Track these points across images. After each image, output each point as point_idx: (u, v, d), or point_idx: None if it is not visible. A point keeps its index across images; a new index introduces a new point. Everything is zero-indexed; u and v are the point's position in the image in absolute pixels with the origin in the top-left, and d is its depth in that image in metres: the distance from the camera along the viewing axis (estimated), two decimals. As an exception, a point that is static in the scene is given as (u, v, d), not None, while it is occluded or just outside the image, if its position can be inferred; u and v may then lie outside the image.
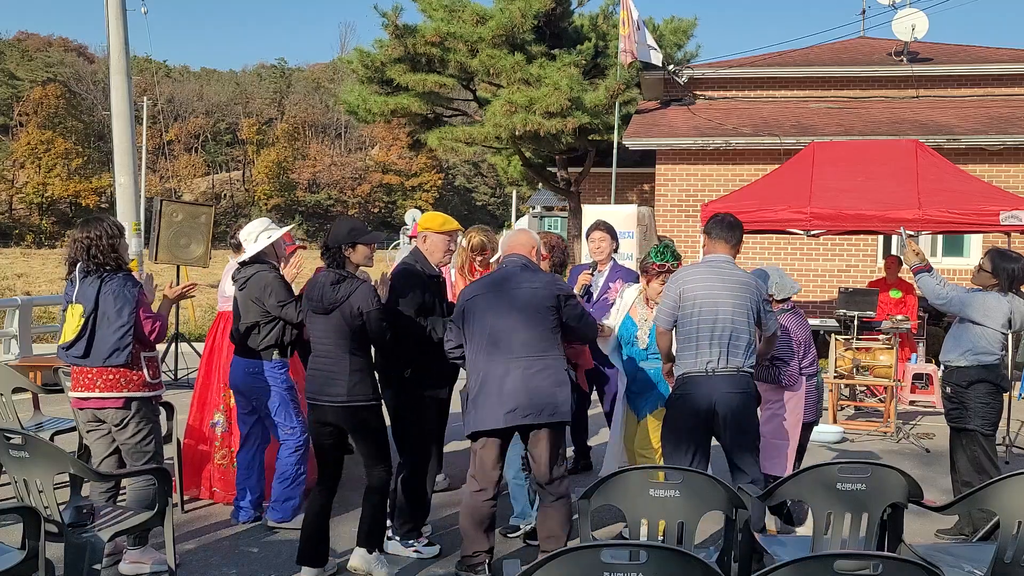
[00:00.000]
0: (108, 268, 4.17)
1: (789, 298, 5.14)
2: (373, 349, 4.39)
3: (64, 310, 4.25)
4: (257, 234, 4.97)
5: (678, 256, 5.02)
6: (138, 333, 4.18)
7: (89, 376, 4.17)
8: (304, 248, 6.45)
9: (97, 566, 3.60)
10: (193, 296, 4.93)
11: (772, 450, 4.86)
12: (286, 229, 5.24)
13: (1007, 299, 5.05)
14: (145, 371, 4.25)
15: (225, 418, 5.51)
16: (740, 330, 4.31)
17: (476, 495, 4.16)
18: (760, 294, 4.44)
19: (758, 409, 4.62)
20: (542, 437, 4.11)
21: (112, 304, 4.11)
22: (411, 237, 5.40)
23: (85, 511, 3.72)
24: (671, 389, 4.55)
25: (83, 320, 4.10)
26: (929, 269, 5.36)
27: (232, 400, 5.43)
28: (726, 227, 4.49)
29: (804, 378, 5.00)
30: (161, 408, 4.59)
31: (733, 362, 4.29)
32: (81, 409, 4.30)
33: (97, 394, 4.17)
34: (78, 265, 4.21)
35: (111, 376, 4.15)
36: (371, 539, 4.26)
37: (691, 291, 4.36)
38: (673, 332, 4.55)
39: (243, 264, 5.00)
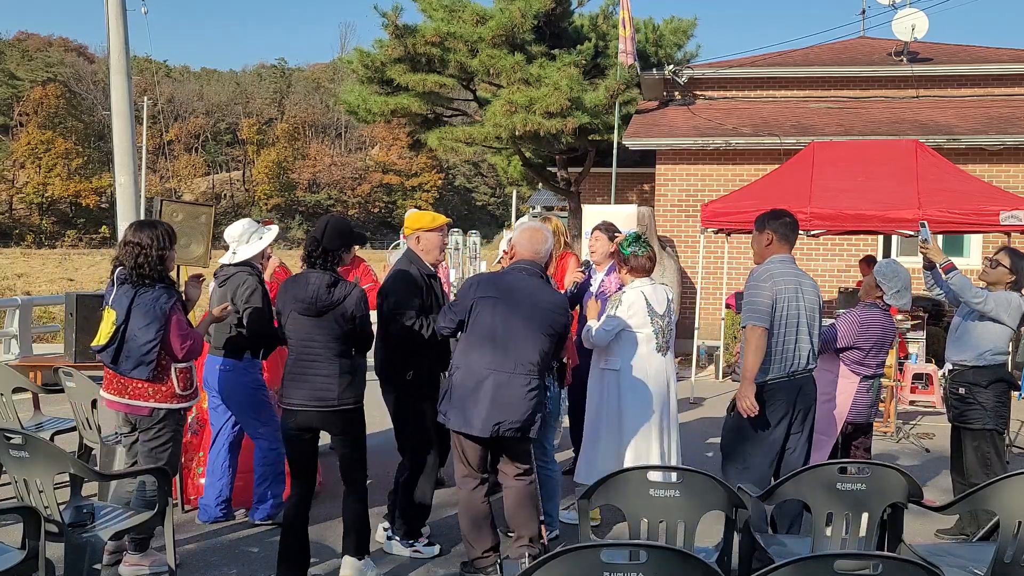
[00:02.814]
0: (148, 280, 4.09)
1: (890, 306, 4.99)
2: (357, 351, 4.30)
3: (102, 309, 4.22)
4: (249, 235, 4.92)
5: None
6: (168, 348, 4.14)
7: (121, 382, 4.16)
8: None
9: (97, 566, 3.61)
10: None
11: (817, 444, 4.76)
12: (275, 231, 5.17)
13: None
14: (175, 383, 4.19)
15: (196, 420, 5.46)
16: (815, 332, 4.31)
17: (473, 493, 4.20)
18: (821, 299, 4.41)
19: None
20: (514, 445, 4.19)
21: (141, 320, 4.05)
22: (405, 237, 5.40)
23: (85, 511, 3.72)
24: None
25: (114, 328, 4.07)
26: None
27: (205, 402, 5.40)
28: (792, 228, 4.41)
29: (859, 377, 4.89)
30: (185, 417, 4.51)
31: (810, 364, 4.30)
32: (113, 410, 4.30)
33: (126, 400, 4.16)
34: (117, 270, 4.16)
35: (139, 385, 4.13)
36: (359, 546, 4.18)
37: (783, 292, 4.24)
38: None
39: (224, 267, 4.97)
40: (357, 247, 4.37)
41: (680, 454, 5.04)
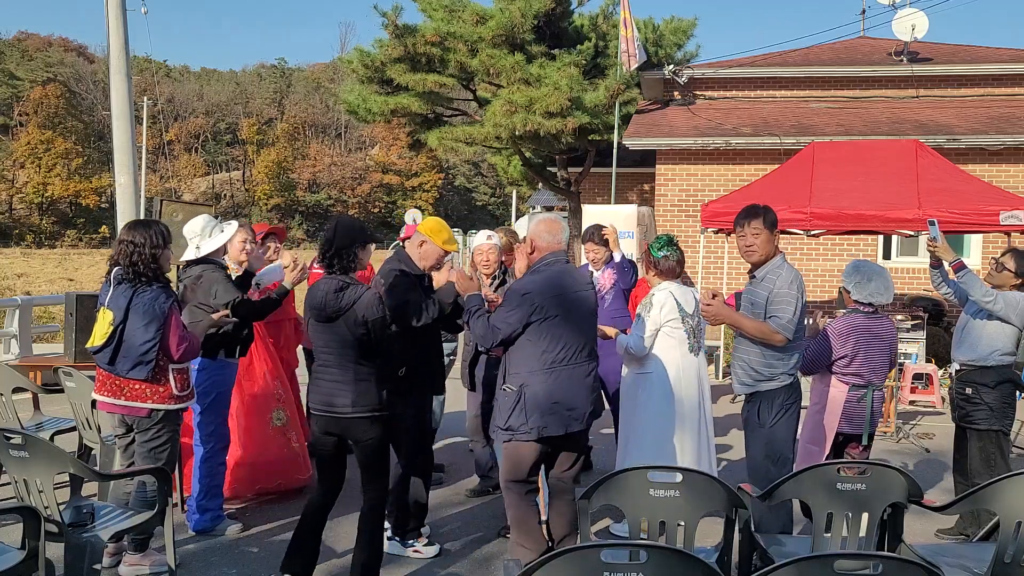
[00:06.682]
0: (144, 279, 4.09)
1: (870, 303, 4.66)
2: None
3: (97, 309, 4.20)
4: (211, 229, 4.80)
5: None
6: (165, 348, 4.13)
7: (116, 383, 4.14)
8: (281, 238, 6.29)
9: (97, 566, 3.61)
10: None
11: (807, 455, 4.63)
12: (236, 225, 5.02)
13: None
14: (172, 383, 4.19)
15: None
16: None
17: (527, 497, 4.20)
18: None
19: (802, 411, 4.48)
20: (582, 436, 4.27)
21: (140, 319, 4.04)
22: (403, 239, 5.29)
23: (85, 511, 3.72)
24: (780, 398, 4.22)
25: (112, 328, 4.05)
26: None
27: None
28: None
29: (847, 386, 4.61)
30: (183, 418, 4.47)
31: None
32: (108, 412, 4.28)
33: (123, 401, 4.15)
34: (115, 270, 4.15)
35: (137, 386, 4.12)
36: (366, 572, 3.97)
37: (803, 295, 4.24)
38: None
39: (189, 264, 4.86)
40: (373, 246, 4.24)
41: (714, 455, 5.05)
